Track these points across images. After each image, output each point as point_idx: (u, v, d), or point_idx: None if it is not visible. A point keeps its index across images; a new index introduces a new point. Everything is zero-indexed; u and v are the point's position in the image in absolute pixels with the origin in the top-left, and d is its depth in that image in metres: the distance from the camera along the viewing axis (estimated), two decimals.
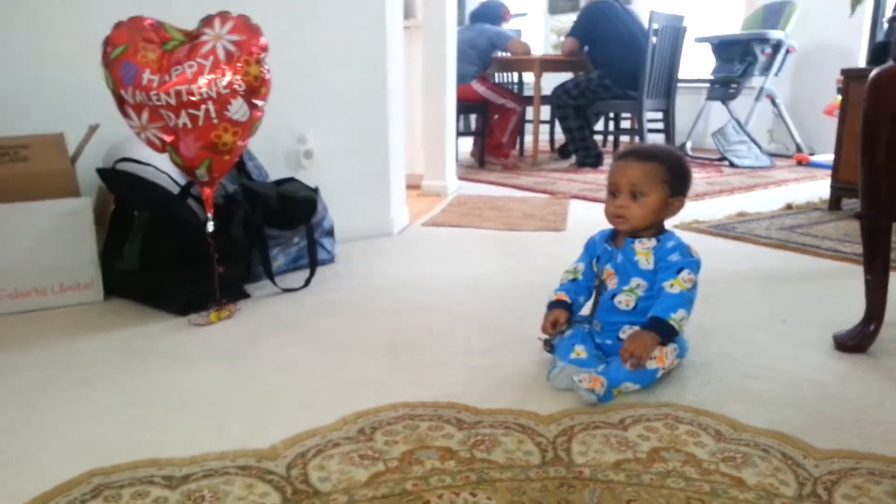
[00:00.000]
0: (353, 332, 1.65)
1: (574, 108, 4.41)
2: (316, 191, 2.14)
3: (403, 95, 2.79)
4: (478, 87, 4.42)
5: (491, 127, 4.60)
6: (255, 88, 1.58)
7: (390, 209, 2.65)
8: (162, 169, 1.88)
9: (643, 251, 1.36)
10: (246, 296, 1.89)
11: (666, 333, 1.28)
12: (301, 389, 1.33)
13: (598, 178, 3.94)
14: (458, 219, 2.87)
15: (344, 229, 2.36)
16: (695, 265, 1.34)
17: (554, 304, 1.43)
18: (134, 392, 1.34)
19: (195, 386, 1.36)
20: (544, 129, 5.12)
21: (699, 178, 3.95)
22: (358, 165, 2.54)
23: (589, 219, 2.92)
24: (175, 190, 1.86)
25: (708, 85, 4.90)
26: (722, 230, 2.60)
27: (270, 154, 2.30)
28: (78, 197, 1.83)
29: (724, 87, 4.76)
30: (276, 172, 2.25)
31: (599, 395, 1.23)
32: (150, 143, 1.64)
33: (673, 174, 1.35)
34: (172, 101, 1.52)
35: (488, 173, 4.20)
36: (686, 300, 1.30)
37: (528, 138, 4.89)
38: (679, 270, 1.31)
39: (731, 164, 4.42)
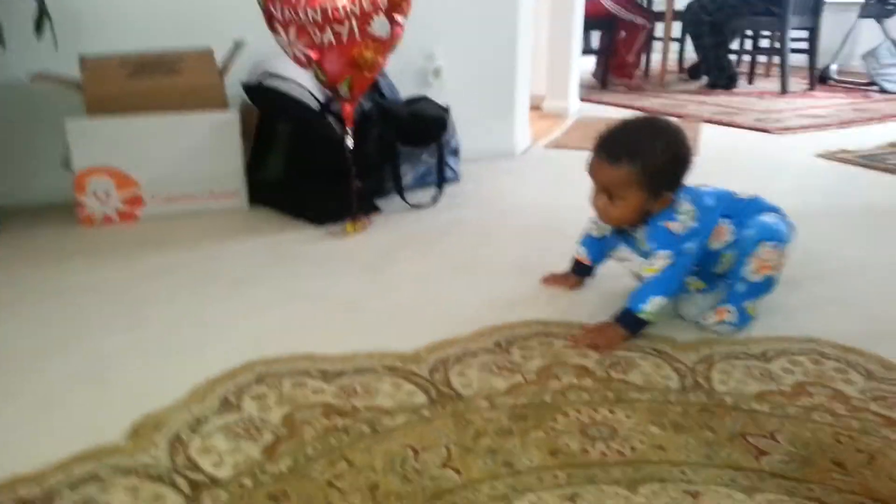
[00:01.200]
0: (483, 250, 1.68)
1: (710, 25, 4.13)
2: (447, 110, 2.15)
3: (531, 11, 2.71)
4: (606, 1, 4.21)
5: (616, 45, 4.39)
6: (397, 4, 1.58)
7: (514, 130, 2.62)
8: (303, 84, 1.94)
9: (642, 240, 1.27)
10: (378, 210, 1.95)
11: (635, 326, 1.19)
12: (437, 302, 1.38)
13: (731, 101, 3.72)
14: (581, 141, 2.80)
15: (467, 149, 2.36)
16: (671, 244, 1.19)
17: (576, 269, 1.42)
18: (284, 293, 1.43)
19: (339, 292, 1.44)
20: (672, 47, 4.84)
21: (844, 104, 3.65)
22: (484, 84, 2.51)
23: (723, 144, 2.78)
24: (316, 106, 1.92)
25: (862, 1, 4.43)
26: (872, 161, 2.41)
27: (400, 72, 2.31)
28: (226, 110, 1.93)
29: (880, 3, 4.30)
30: (405, 90, 2.26)
31: (734, 322, 1.21)
32: (296, 60, 1.68)
33: (649, 174, 1.16)
34: (318, 18, 1.55)
35: (612, 94, 4.05)
36: (661, 283, 1.19)
37: (655, 57, 4.64)
38: (653, 255, 1.22)
39: (882, 90, 4.03)
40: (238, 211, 1.97)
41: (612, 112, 3.51)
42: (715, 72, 4.21)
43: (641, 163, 1.16)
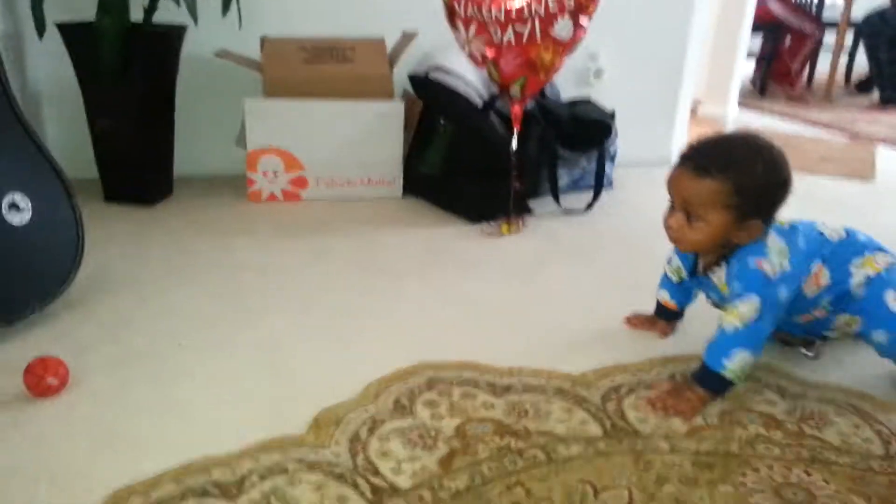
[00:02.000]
0: (639, 267, 1.60)
1: (890, 38, 3.78)
2: (612, 116, 2.08)
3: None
4: (774, 6, 3.94)
5: (780, 52, 4.11)
6: (584, 5, 1.52)
7: (672, 137, 2.51)
8: (469, 81, 1.93)
9: (720, 283, 1.10)
10: (530, 212, 1.91)
11: (718, 387, 1.04)
12: (597, 319, 1.33)
13: None
14: None
15: (622, 154, 2.27)
16: (761, 287, 1.03)
17: (660, 312, 1.27)
18: (442, 293, 1.43)
19: (496, 297, 1.42)
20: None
21: None
22: (646, 89, 2.41)
23: None
24: (479, 104, 1.90)
25: None
26: None
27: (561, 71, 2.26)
28: (392, 100, 1.94)
29: None
30: (564, 89, 2.21)
31: None
32: (471, 57, 1.66)
33: (743, 195, 1.00)
34: (501, 17, 1.53)
35: (771, 103, 3.80)
36: (747, 335, 1.03)
37: (819, 68, 4.31)
38: (737, 298, 1.04)
39: None
40: (393, 199, 1.99)
41: (774, 123, 3.30)
42: (890, 89, 3.86)
43: (734, 179, 0.99)
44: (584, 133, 1.99)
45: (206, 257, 1.56)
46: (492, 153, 1.79)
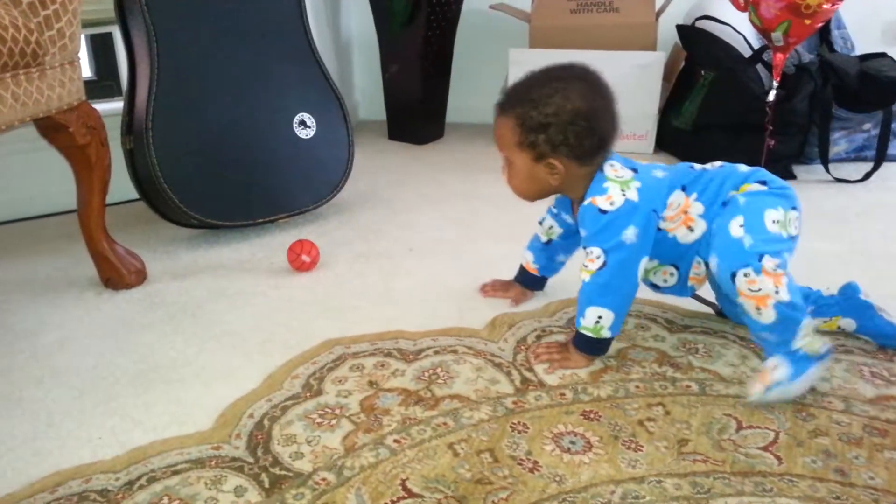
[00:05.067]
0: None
1: None
2: None
3: None
4: None
5: None
6: None
7: None
8: (739, 30, 1.84)
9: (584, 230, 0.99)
10: (792, 177, 1.77)
11: (588, 347, 0.97)
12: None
13: None
14: None
15: None
16: (604, 231, 0.93)
17: (521, 277, 1.17)
18: None
19: None
20: None
21: None
22: None
23: None
24: (747, 53, 1.81)
25: None
26: None
27: (864, 23, 2.01)
28: (654, 51, 1.93)
29: None
30: (866, 45, 1.96)
31: (790, 377, 0.88)
32: (733, 1, 1.60)
33: (529, 129, 0.93)
34: None
35: None
36: (597, 290, 0.94)
37: None
38: (587, 250, 0.96)
39: None
40: (642, 155, 1.99)
41: None
42: None
43: (519, 113, 0.93)
44: (871, 93, 1.77)
45: (452, 189, 1.76)
46: (748, 105, 1.70)
